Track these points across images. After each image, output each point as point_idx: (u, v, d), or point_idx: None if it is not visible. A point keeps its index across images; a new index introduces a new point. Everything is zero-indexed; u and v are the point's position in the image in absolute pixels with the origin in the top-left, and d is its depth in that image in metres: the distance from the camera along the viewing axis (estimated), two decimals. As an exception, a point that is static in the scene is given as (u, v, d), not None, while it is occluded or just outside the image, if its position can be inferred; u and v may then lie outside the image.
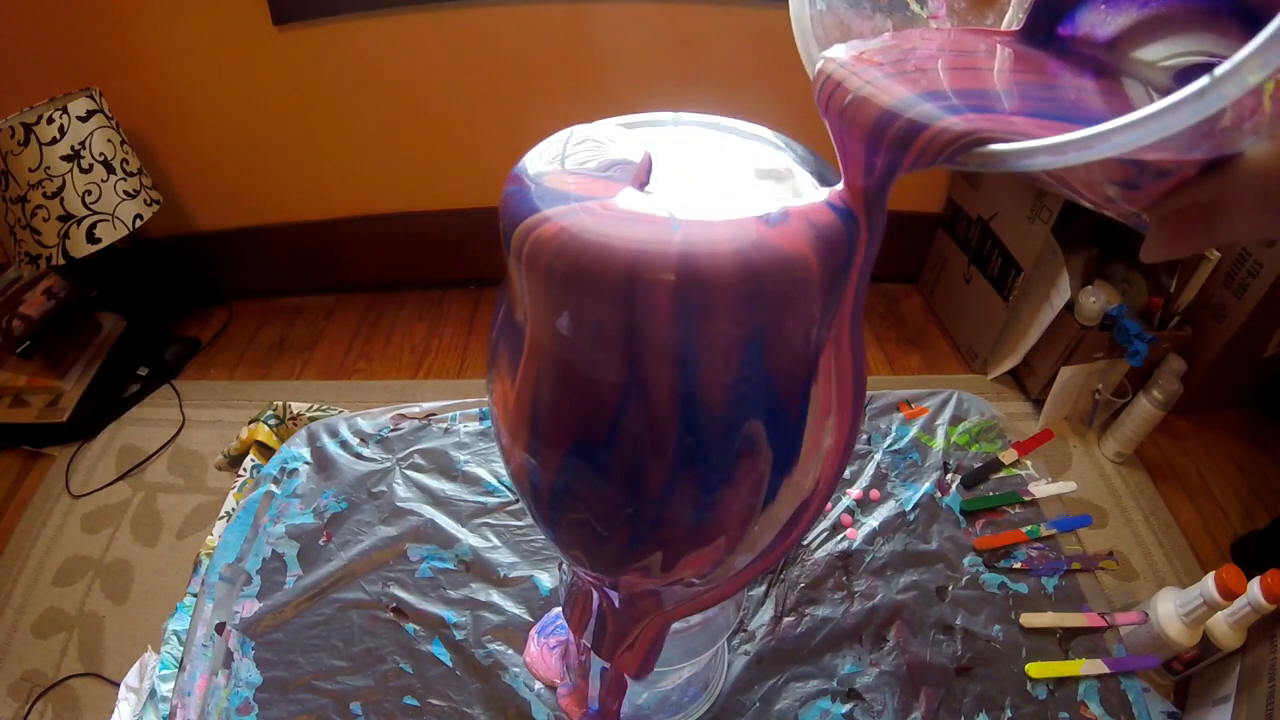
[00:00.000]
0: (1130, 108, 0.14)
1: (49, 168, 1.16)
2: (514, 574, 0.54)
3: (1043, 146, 0.15)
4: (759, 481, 0.24)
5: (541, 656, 0.49)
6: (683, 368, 0.20)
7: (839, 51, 0.21)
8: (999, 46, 0.22)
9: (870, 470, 0.61)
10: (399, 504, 0.58)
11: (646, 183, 0.22)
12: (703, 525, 0.24)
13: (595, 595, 0.35)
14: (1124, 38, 0.20)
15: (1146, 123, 0.13)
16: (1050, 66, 0.21)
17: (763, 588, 0.54)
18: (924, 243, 1.66)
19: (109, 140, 1.24)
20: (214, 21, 1.29)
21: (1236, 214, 0.15)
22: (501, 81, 1.39)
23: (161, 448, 1.34)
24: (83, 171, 1.19)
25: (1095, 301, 1.24)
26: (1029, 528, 0.57)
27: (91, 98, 1.22)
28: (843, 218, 0.21)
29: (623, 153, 0.23)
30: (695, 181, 0.23)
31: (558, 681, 0.48)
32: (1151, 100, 0.15)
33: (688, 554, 0.26)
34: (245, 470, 0.67)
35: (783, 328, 0.20)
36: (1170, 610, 0.89)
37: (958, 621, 0.52)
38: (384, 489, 0.59)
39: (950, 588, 0.54)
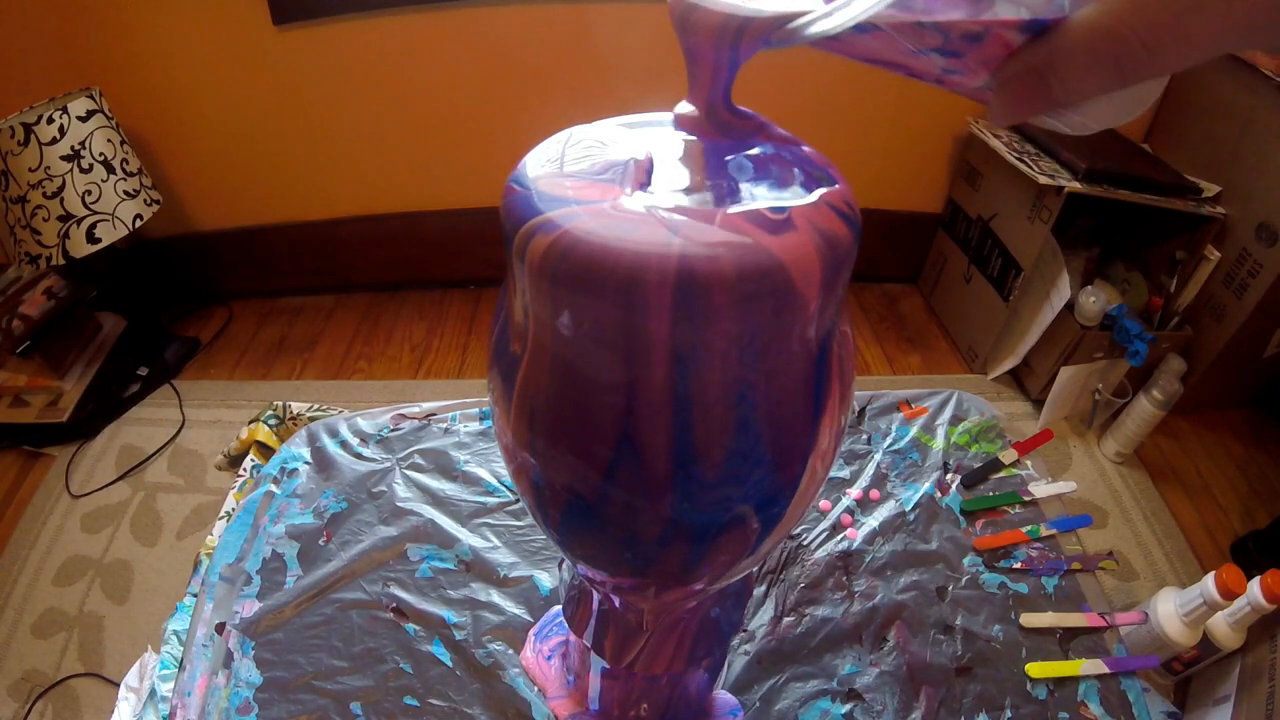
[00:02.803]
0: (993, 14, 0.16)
1: (49, 168, 1.16)
2: (514, 574, 0.54)
3: (819, 15, 0.17)
4: (752, 535, 0.24)
5: (537, 663, 0.49)
6: (681, 367, 0.20)
7: None
8: None
9: (870, 470, 0.61)
10: (399, 504, 0.58)
11: (648, 184, 0.22)
12: (706, 548, 0.25)
13: (595, 595, 0.35)
14: None
15: None
16: None
17: (763, 588, 0.54)
18: (924, 243, 1.66)
19: (109, 140, 1.24)
20: (214, 21, 1.29)
21: (1067, 74, 0.16)
22: (502, 81, 1.39)
23: (161, 448, 1.34)
24: (83, 171, 1.19)
25: (1095, 301, 1.24)
26: (1029, 528, 0.57)
27: (91, 98, 1.22)
28: (842, 218, 0.21)
29: (624, 154, 0.23)
30: (696, 182, 0.23)
31: (549, 688, 0.48)
32: (1019, 10, 0.16)
33: (677, 589, 0.26)
34: (245, 470, 0.67)
35: (781, 327, 0.20)
36: (1170, 610, 0.89)
37: (958, 621, 0.52)
38: (384, 489, 0.59)
39: (950, 588, 0.54)
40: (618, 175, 0.22)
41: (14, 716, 0.98)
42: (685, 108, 0.24)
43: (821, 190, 0.22)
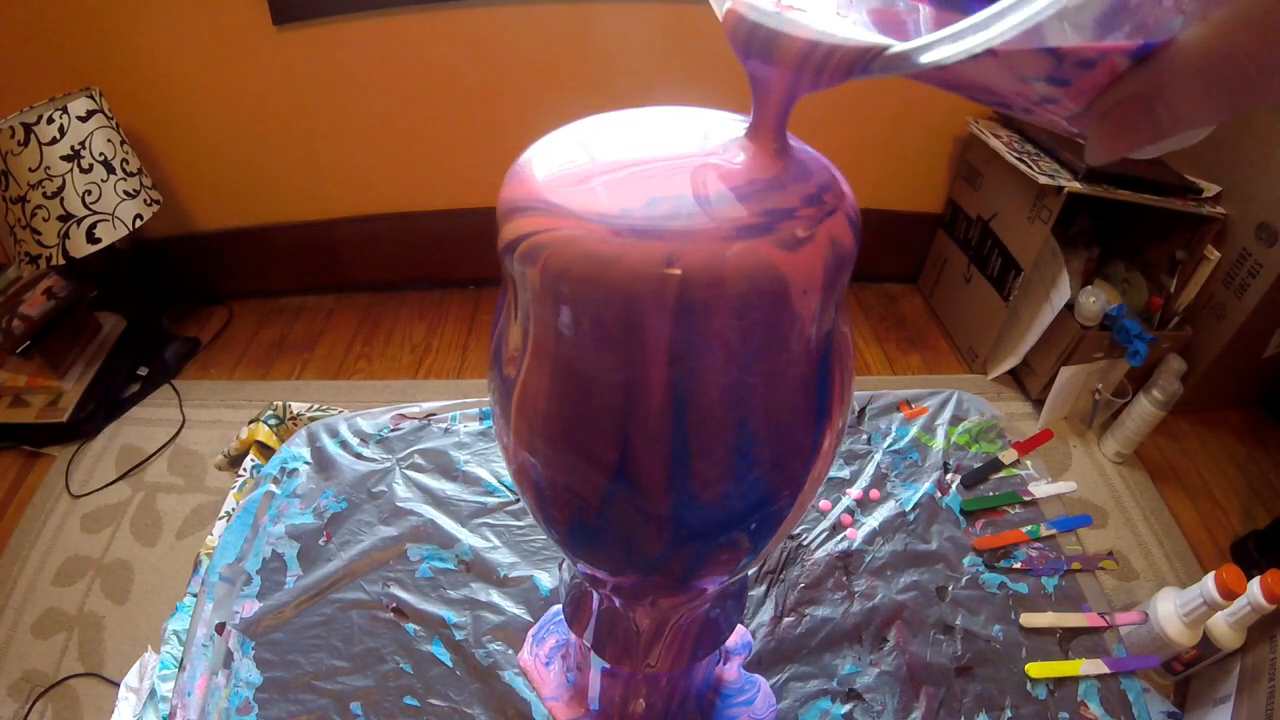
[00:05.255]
0: None
1: (49, 168, 1.16)
2: (514, 574, 0.54)
3: (942, 37, 0.15)
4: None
5: (535, 665, 0.49)
6: (681, 368, 0.20)
7: None
8: (919, 5, 0.22)
9: (870, 470, 0.61)
10: (399, 504, 0.58)
11: (650, 184, 0.22)
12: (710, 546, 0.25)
13: (596, 595, 0.35)
14: None
15: None
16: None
17: (763, 588, 0.54)
18: (924, 243, 1.66)
19: (109, 140, 1.24)
20: (214, 21, 1.29)
21: (1177, 99, 0.15)
22: (502, 81, 1.39)
23: (161, 448, 1.34)
24: (83, 171, 1.19)
25: (1095, 301, 1.24)
26: (1029, 528, 0.57)
27: (91, 98, 1.22)
28: (844, 219, 0.21)
29: (626, 153, 0.23)
30: (698, 182, 0.23)
31: (546, 689, 0.48)
32: (1133, 35, 0.15)
33: (678, 590, 0.26)
34: (245, 470, 0.67)
35: (781, 329, 0.20)
36: (1170, 610, 0.89)
37: (958, 621, 0.52)
38: (384, 489, 0.59)
39: (950, 588, 0.54)
40: (620, 176, 0.22)
41: (14, 716, 0.98)
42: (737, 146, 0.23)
43: (823, 191, 0.22)
